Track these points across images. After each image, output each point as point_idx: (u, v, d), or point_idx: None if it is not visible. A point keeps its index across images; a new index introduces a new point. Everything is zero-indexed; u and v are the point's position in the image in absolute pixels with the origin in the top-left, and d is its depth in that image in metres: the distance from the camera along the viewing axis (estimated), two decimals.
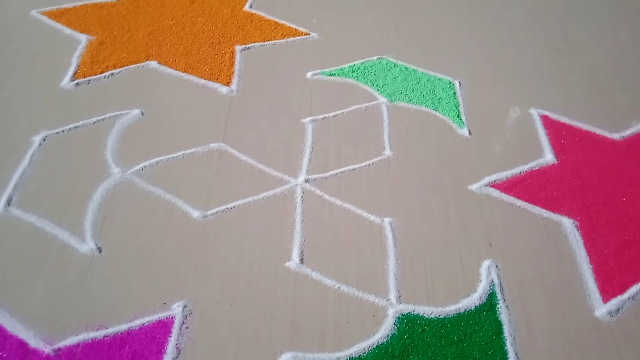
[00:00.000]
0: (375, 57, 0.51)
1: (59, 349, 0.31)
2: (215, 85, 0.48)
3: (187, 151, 0.42)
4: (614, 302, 0.35)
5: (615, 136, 0.45)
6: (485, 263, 0.37)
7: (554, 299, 0.35)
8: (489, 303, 0.35)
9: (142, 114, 0.45)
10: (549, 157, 0.43)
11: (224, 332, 0.33)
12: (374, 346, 0.32)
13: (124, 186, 0.40)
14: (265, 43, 0.53)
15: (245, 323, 0.33)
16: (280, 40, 0.53)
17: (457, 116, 0.46)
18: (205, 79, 0.48)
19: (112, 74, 0.48)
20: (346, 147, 0.44)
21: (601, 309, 0.35)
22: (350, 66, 0.51)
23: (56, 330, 0.32)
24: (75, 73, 0.48)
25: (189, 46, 0.51)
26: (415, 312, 0.34)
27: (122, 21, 0.54)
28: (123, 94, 0.47)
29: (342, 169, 0.42)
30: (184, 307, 0.34)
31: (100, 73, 0.48)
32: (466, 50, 0.53)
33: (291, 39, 0.53)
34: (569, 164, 0.43)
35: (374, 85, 0.49)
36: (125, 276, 0.35)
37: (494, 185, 0.41)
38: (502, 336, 0.33)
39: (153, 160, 0.42)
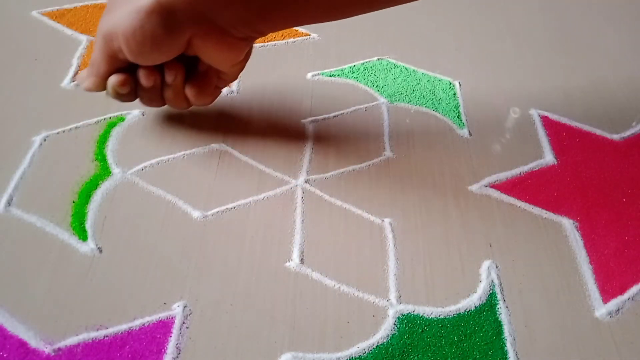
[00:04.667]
0: (375, 58, 0.51)
1: (59, 349, 0.31)
2: None
3: (188, 151, 0.42)
4: (614, 303, 0.35)
5: (616, 137, 0.45)
6: (485, 263, 0.37)
7: (554, 300, 0.35)
8: (489, 303, 0.35)
9: (143, 115, 0.45)
10: (549, 157, 0.43)
11: (224, 332, 0.33)
12: (374, 346, 0.32)
13: (124, 186, 0.40)
14: (266, 44, 0.53)
15: (245, 323, 0.33)
16: (280, 41, 0.53)
17: (458, 117, 0.46)
18: None
19: None
20: (346, 147, 0.44)
21: (601, 310, 0.34)
22: (350, 67, 0.51)
23: (56, 330, 0.32)
24: (76, 73, 0.48)
25: None
26: (416, 313, 0.34)
27: None
28: None
29: (342, 170, 0.42)
30: (184, 307, 0.34)
31: None
32: (466, 51, 0.53)
33: (291, 39, 0.53)
34: (569, 165, 0.43)
35: (374, 86, 0.49)
36: (125, 276, 0.35)
37: (494, 185, 0.41)
38: (502, 336, 0.33)
39: (153, 161, 0.42)
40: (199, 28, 0.31)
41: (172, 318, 0.33)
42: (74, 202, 0.39)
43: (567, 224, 0.39)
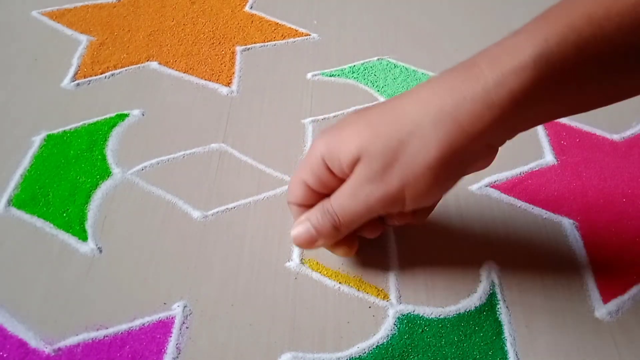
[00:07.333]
0: (375, 58, 0.51)
1: (59, 349, 0.31)
2: (216, 85, 0.48)
3: (188, 151, 0.42)
4: (614, 303, 0.35)
5: (615, 137, 0.45)
6: (486, 264, 0.37)
7: (554, 300, 0.35)
8: (489, 303, 0.35)
9: (143, 115, 0.45)
10: (549, 158, 0.43)
11: (224, 332, 0.33)
12: (374, 346, 0.32)
13: (124, 186, 0.40)
14: (266, 44, 0.53)
15: (245, 323, 0.33)
16: (280, 41, 0.53)
17: None
18: (205, 79, 0.48)
19: (112, 75, 0.48)
20: None
21: (601, 310, 0.34)
22: (350, 67, 0.51)
23: (56, 330, 0.32)
24: (76, 73, 0.48)
25: (190, 47, 0.52)
26: (416, 313, 0.34)
27: (123, 22, 0.54)
28: (124, 95, 0.47)
29: None
30: (184, 307, 0.34)
31: (101, 73, 0.48)
32: (466, 51, 0.53)
33: (291, 39, 0.53)
34: (569, 165, 0.43)
35: (374, 86, 0.49)
36: (125, 276, 0.35)
37: (494, 185, 0.41)
38: (503, 336, 0.33)
39: (153, 161, 0.42)
40: (481, 158, 0.28)
41: (172, 318, 0.33)
42: (74, 202, 0.39)
43: (567, 224, 0.39)
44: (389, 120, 0.27)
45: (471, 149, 0.26)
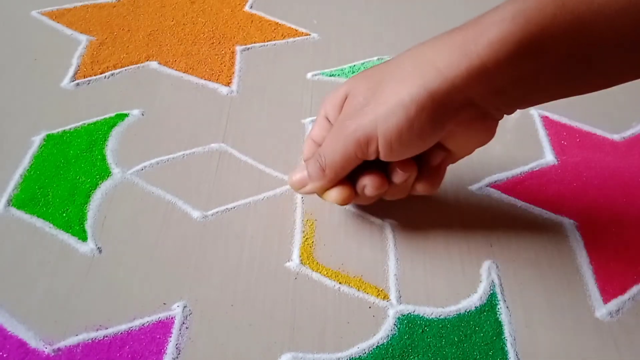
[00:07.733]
0: (375, 58, 0.51)
1: (59, 349, 0.31)
2: (216, 85, 0.48)
3: (187, 151, 0.42)
4: (614, 303, 0.35)
5: (616, 137, 0.45)
6: (486, 264, 0.37)
7: (554, 300, 0.35)
8: (490, 304, 0.35)
9: (143, 115, 0.45)
10: (549, 157, 0.43)
11: (224, 332, 0.33)
12: (374, 347, 0.32)
13: (124, 186, 0.40)
14: (266, 43, 0.53)
15: (245, 323, 0.33)
16: (280, 41, 0.53)
17: None
18: (205, 79, 0.48)
19: (112, 74, 0.48)
20: None
21: (601, 310, 0.34)
22: (350, 66, 0.51)
23: (56, 330, 0.32)
24: (75, 73, 0.48)
25: (189, 46, 0.51)
26: (416, 313, 0.34)
27: (123, 21, 0.54)
28: (123, 94, 0.47)
29: None
30: (184, 307, 0.34)
31: (101, 73, 0.48)
32: None
33: (291, 39, 0.53)
34: (569, 165, 0.43)
35: None
36: (125, 276, 0.35)
37: (494, 185, 0.41)
38: (503, 337, 0.33)
39: (153, 161, 0.42)
40: (464, 116, 0.28)
41: (172, 318, 0.33)
42: (73, 202, 0.39)
43: (568, 224, 0.39)
44: (378, 66, 0.31)
45: (450, 99, 0.27)
